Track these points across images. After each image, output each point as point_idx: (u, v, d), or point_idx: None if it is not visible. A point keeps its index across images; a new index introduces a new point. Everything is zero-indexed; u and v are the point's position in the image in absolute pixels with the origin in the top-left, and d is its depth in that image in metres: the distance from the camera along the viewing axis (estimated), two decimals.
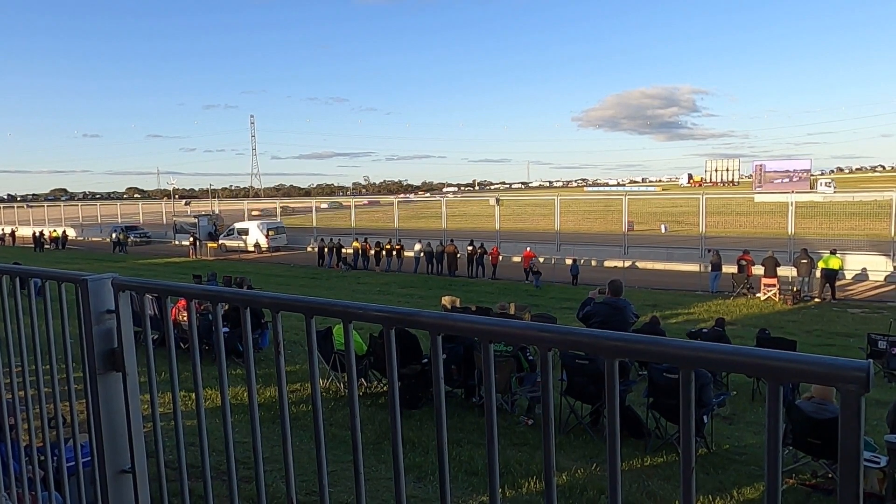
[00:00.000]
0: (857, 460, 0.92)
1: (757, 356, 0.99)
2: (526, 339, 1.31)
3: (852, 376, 0.90)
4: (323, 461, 1.69)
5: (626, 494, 5.83)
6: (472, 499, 5.61)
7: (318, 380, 1.72)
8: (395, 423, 1.52)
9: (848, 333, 15.65)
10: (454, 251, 29.14)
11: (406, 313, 1.45)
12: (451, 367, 8.62)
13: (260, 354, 10.93)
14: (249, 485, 4.07)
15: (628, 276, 26.45)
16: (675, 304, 20.06)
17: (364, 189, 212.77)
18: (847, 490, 0.92)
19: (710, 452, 7.47)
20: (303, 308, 1.62)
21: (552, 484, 1.27)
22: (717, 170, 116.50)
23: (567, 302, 21.09)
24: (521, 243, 30.40)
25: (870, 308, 19.78)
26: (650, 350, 1.10)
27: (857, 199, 47.87)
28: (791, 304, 20.17)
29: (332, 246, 33.23)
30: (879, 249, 25.52)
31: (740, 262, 22.51)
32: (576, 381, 8.16)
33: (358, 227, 40.15)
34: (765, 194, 55.49)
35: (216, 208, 55.40)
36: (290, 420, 1.79)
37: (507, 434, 7.63)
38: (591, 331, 1.15)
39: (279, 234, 41.36)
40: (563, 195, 42.99)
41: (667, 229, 42.04)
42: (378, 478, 5.57)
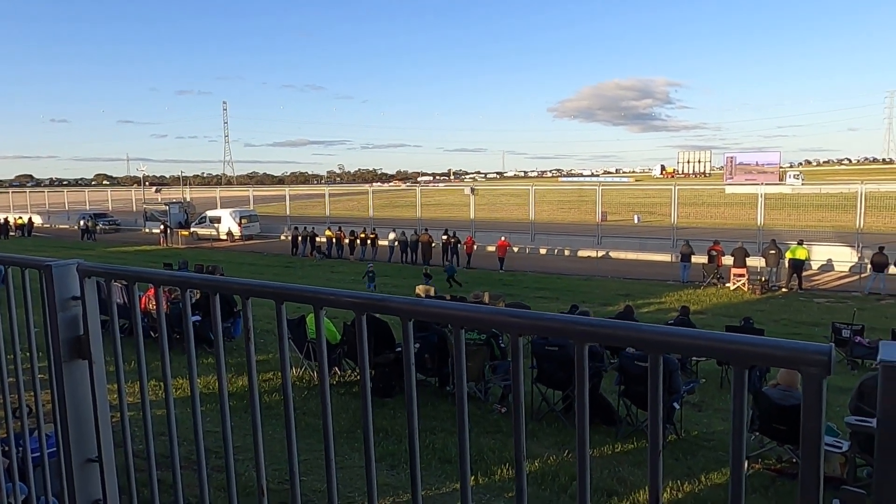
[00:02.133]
0: (818, 441, 0.94)
1: (723, 340, 1.00)
2: (497, 325, 1.32)
3: (814, 359, 0.91)
4: (294, 450, 1.68)
5: (597, 480, 5.92)
6: (446, 486, 5.64)
7: (288, 367, 1.70)
8: (367, 409, 1.52)
9: (813, 322, 16.01)
10: (429, 240, 29.12)
11: (377, 299, 1.44)
12: (425, 356, 8.63)
13: (232, 343, 10.83)
14: (220, 474, 4.04)
15: (601, 265, 26.74)
16: (647, 294, 20.32)
17: (338, 178, 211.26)
18: (808, 470, 0.94)
19: (680, 439, 7.61)
20: (273, 294, 1.61)
21: (522, 469, 1.28)
22: (690, 161, 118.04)
23: (541, 291, 21.24)
24: (495, 233, 30.48)
25: (835, 298, 20.26)
26: (619, 334, 1.11)
27: (824, 191, 48.85)
28: (759, 294, 20.57)
29: (305, 234, 32.98)
30: (845, 241, 26.11)
31: (711, 253, 22.87)
32: (545, 368, 8.23)
33: (332, 215, 39.88)
34: (735, 186, 56.35)
35: (187, 196, 54.57)
36: (262, 409, 1.77)
37: (481, 422, 7.68)
38: (563, 316, 1.16)
39: (252, 223, 40.92)
40: (537, 185, 43.15)
41: (640, 220, 42.49)
42: (351, 466, 5.58)
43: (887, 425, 0.87)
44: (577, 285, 22.57)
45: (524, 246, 30.71)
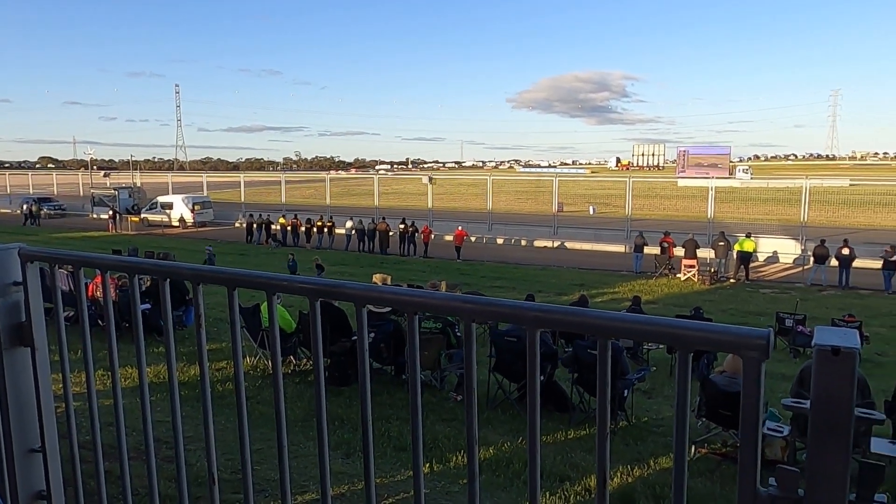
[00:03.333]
0: (756, 421, 0.97)
1: (667, 326, 1.03)
2: (450, 311, 1.33)
3: (754, 344, 0.95)
4: (246, 438, 1.66)
5: (550, 466, 6.02)
6: (401, 474, 5.66)
7: (240, 355, 1.68)
8: (320, 397, 1.51)
9: (759, 312, 16.55)
10: (386, 229, 29.01)
11: (331, 285, 1.44)
12: (381, 345, 8.62)
13: (184, 332, 10.61)
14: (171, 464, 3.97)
15: (557, 255, 27.09)
16: (601, 284, 20.68)
17: (295, 165, 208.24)
18: (747, 449, 0.98)
19: (630, 425, 7.80)
20: (225, 280, 1.58)
21: (474, 454, 1.30)
22: (644, 154, 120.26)
23: (498, 280, 21.41)
24: (453, 222, 30.56)
25: (779, 288, 20.98)
26: (569, 320, 1.13)
27: (771, 185, 50.49)
28: (708, 285, 21.16)
29: (261, 222, 32.47)
30: (790, 234, 27.05)
31: (662, 244, 23.40)
32: (504, 359, 8.32)
33: (288, 203, 39.34)
34: (687, 179, 57.71)
35: (138, 181, 53.00)
36: (215, 398, 1.75)
37: (436, 410, 7.72)
38: (514, 301, 1.17)
39: (205, 209, 40.04)
40: (495, 175, 43.41)
41: (595, 211, 43.14)
42: (306, 455, 5.54)
43: (820, 406, 0.91)
44: (533, 275, 22.82)
45: (481, 236, 30.88)
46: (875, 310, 17.29)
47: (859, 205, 38.55)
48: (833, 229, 26.13)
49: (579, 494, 5.36)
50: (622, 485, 5.83)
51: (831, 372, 0.90)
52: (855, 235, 23.29)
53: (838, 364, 0.90)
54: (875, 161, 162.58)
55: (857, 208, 37.50)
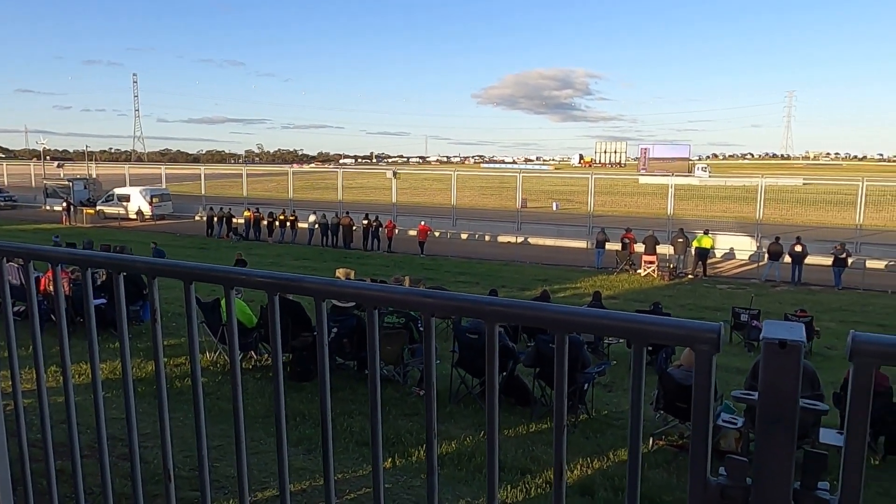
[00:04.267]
0: (707, 412, 1.00)
1: (623, 320, 1.05)
2: (410, 305, 1.33)
3: (705, 337, 0.98)
4: (203, 434, 1.64)
5: (511, 459, 6.08)
6: (363, 469, 5.64)
7: (197, 349, 1.66)
8: (279, 392, 1.50)
9: (716, 307, 16.95)
10: (349, 223, 28.83)
11: (290, 279, 1.42)
12: (343, 340, 8.57)
13: (142, 327, 10.39)
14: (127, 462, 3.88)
15: (521, 251, 27.28)
16: (563, 279, 20.91)
17: (257, 157, 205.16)
18: (698, 438, 1.00)
19: (591, 418, 7.92)
20: (181, 274, 1.55)
21: (433, 446, 1.30)
22: (607, 151, 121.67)
23: (462, 276, 21.48)
24: (417, 217, 30.52)
25: (735, 284, 21.52)
26: (528, 314, 1.15)
27: (729, 184, 51.72)
28: (668, 280, 21.58)
29: (221, 215, 31.92)
30: (746, 231, 27.76)
31: (623, 240, 23.79)
32: (466, 355, 8.35)
33: (250, 196, 38.77)
34: (648, 177, 58.69)
35: (93, 172, 51.57)
36: (173, 395, 1.72)
37: (399, 405, 7.72)
38: (473, 296, 1.18)
39: (164, 202, 39.15)
40: (460, 171, 43.44)
41: (558, 207, 43.55)
42: (267, 451, 5.48)
43: (767, 397, 0.94)
44: (496, 270, 22.96)
45: (445, 231, 30.90)
46: (826, 305, 17.87)
47: (812, 203, 39.75)
48: (787, 227, 26.90)
49: (540, 487, 5.42)
50: (582, 477, 5.92)
51: (778, 364, 0.93)
52: (807, 233, 24.02)
53: (785, 356, 0.93)
54: (827, 161, 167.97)
55: (810, 207, 38.66)
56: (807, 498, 0.95)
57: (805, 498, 0.95)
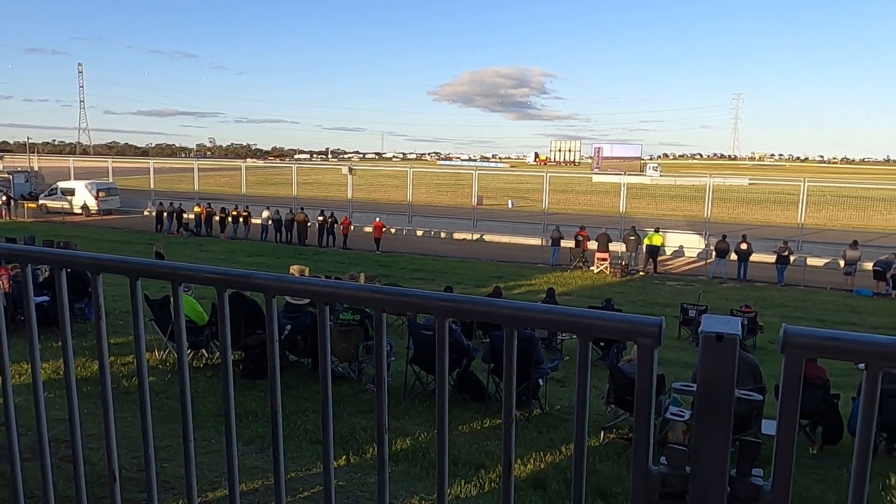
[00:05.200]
0: (649, 404, 1.03)
1: (570, 315, 1.08)
2: (361, 301, 1.33)
3: (647, 331, 1.01)
4: (149, 434, 1.61)
5: (465, 454, 6.12)
6: (317, 467, 5.60)
7: (143, 347, 1.62)
8: (228, 389, 1.48)
9: (666, 303, 17.36)
10: (304, 219, 28.49)
11: (240, 275, 1.41)
12: (297, 338, 8.49)
13: (86, 326, 10.07)
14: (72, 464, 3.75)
15: (476, 248, 27.43)
16: (518, 276, 21.12)
17: (209, 152, 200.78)
18: (640, 429, 1.04)
19: (544, 413, 8.03)
20: (127, 269, 1.52)
21: (384, 441, 1.31)
22: (561, 150, 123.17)
23: (417, 272, 21.48)
24: (373, 213, 30.38)
25: (684, 281, 22.09)
26: (478, 310, 1.16)
27: (679, 183, 52.99)
28: (619, 277, 22.01)
29: (171, 210, 31.14)
30: (694, 229, 28.51)
31: (577, 238, 24.16)
32: (421, 352, 8.36)
33: (202, 191, 37.95)
34: (601, 175, 59.70)
35: (35, 164, 49.61)
36: (121, 394, 1.68)
37: (354, 402, 7.68)
38: (424, 292, 1.19)
39: (111, 196, 37.97)
40: (416, 167, 43.39)
41: (513, 205, 43.91)
42: (219, 450, 5.39)
43: (704, 388, 0.98)
44: (452, 267, 23.03)
45: (401, 227, 30.83)
46: (769, 301, 18.51)
47: (757, 203, 41.06)
48: (733, 225, 27.71)
49: (493, 481, 5.48)
50: (535, 470, 6.00)
51: (715, 356, 0.97)
52: (752, 232, 24.81)
53: (721, 349, 0.97)
54: (772, 162, 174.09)
55: (755, 206, 39.93)
56: (741, 484, 0.99)
57: (740, 484, 0.99)
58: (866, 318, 17.15)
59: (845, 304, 19.04)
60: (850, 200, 37.27)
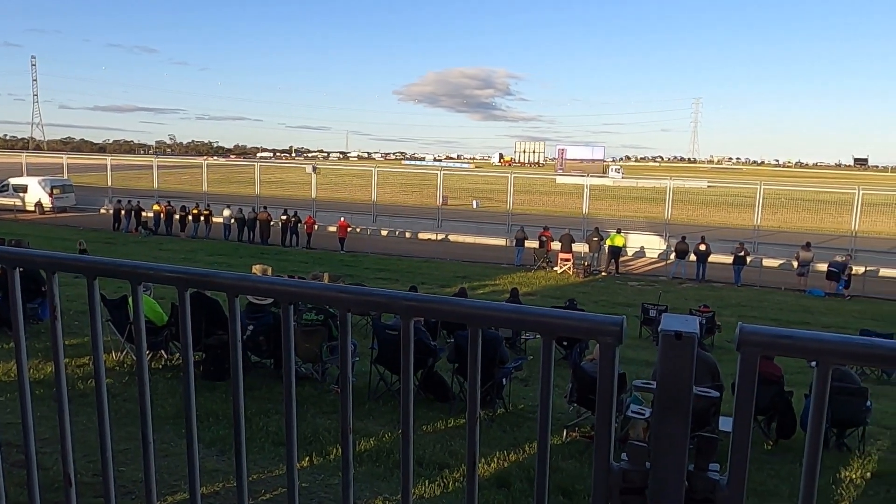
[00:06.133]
0: (610, 401, 1.05)
1: (533, 314, 1.09)
2: (325, 301, 1.32)
3: (608, 330, 1.03)
4: (107, 436, 1.57)
5: (430, 454, 6.12)
6: (279, 468, 5.54)
7: (101, 348, 1.59)
8: (189, 390, 1.46)
9: (627, 303, 17.64)
10: (267, 218, 28.14)
11: (201, 274, 1.39)
12: (260, 338, 8.38)
13: (41, 326, 9.77)
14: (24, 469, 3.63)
15: (441, 248, 27.45)
16: (482, 276, 21.21)
17: (169, 149, 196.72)
18: (602, 427, 1.05)
19: (508, 412, 8.07)
20: (84, 268, 1.48)
21: (349, 442, 1.30)
22: (526, 151, 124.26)
23: (382, 272, 21.40)
24: (337, 213, 30.16)
25: (645, 281, 22.47)
26: (442, 309, 1.17)
27: (640, 185, 53.93)
28: (582, 277, 22.29)
29: (129, 208, 30.41)
30: (655, 230, 29.03)
31: (541, 238, 24.39)
32: (385, 351, 8.34)
33: (161, 189, 37.16)
34: (565, 176, 60.33)
35: None
36: (77, 397, 1.64)
37: (317, 403, 7.62)
38: (388, 291, 1.19)
39: (66, 193, 36.89)
40: (380, 167, 43.24)
41: (478, 205, 44.07)
42: (179, 453, 5.29)
43: (664, 385, 1.00)
44: (416, 267, 23.01)
45: (366, 227, 30.68)
46: (727, 301, 18.95)
47: (715, 205, 42.01)
48: (692, 227, 28.32)
49: (458, 481, 5.49)
50: (499, 469, 6.04)
51: (674, 354, 0.99)
52: (711, 233, 25.37)
53: (680, 347, 0.99)
54: (729, 166, 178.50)
55: (714, 208, 40.85)
56: (699, 478, 1.02)
57: (697, 478, 1.02)
58: (819, 317, 17.70)
59: (799, 304, 19.62)
60: (803, 203, 38.40)
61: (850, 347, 0.96)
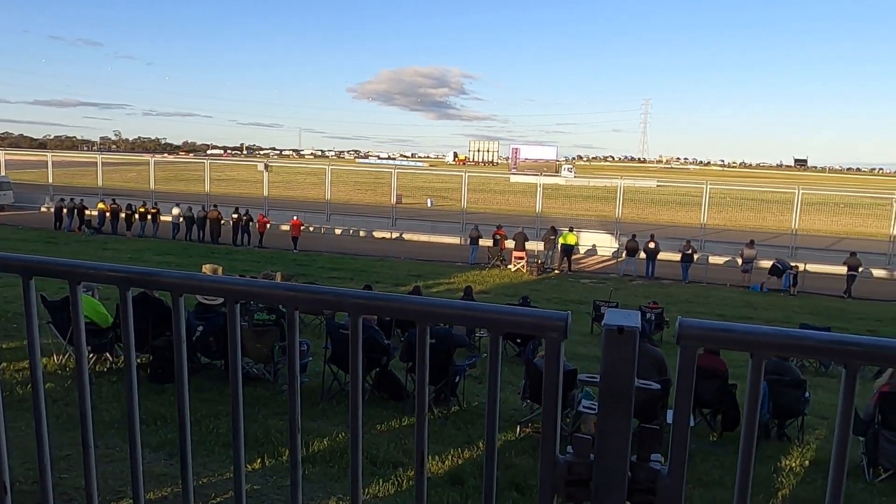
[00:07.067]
0: (556, 396, 1.07)
1: (480, 310, 1.10)
2: (272, 299, 1.31)
3: (554, 325, 1.04)
4: (44, 442, 1.52)
5: (384, 453, 6.10)
6: (230, 471, 5.44)
7: (37, 351, 1.53)
8: (132, 392, 1.42)
9: (579, 300, 17.93)
10: (217, 217, 27.56)
11: (144, 273, 1.35)
12: (210, 339, 8.21)
13: None
14: None
15: (395, 247, 27.37)
16: (437, 275, 21.24)
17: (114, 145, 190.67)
18: (548, 421, 1.07)
19: (462, 409, 8.11)
20: (18, 268, 1.43)
21: (297, 442, 1.29)
22: (480, 150, 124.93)
23: (336, 271, 21.21)
24: (290, 212, 29.75)
25: (597, 279, 22.88)
26: (390, 306, 1.17)
27: (592, 184, 54.86)
28: (536, 275, 22.55)
29: (72, 206, 29.37)
30: (606, 229, 29.58)
31: (495, 237, 24.57)
32: (339, 351, 8.27)
33: (106, 186, 36.01)
34: (518, 176, 60.90)
35: None
36: (15, 402, 1.57)
37: (269, 403, 7.51)
38: (337, 289, 1.19)
39: (4, 191, 35.41)
40: (334, 165, 42.84)
41: (432, 203, 44.11)
42: (125, 458, 5.14)
43: (607, 378, 1.02)
44: (371, 266, 22.90)
45: (319, 226, 30.37)
46: (675, 297, 19.45)
47: (664, 204, 43.07)
48: (642, 225, 28.94)
49: (411, 479, 5.49)
50: (453, 466, 6.06)
51: (616, 348, 1.01)
52: (660, 231, 25.99)
53: (623, 341, 1.01)
54: (678, 166, 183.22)
55: (662, 207, 41.87)
56: (641, 468, 1.05)
57: (639, 468, 1.05)
58: (761, 312, 18.33)
59: (742, 300, 20.27)
60: (747, 203, 39.68)
61: (781, 339, 1.00)
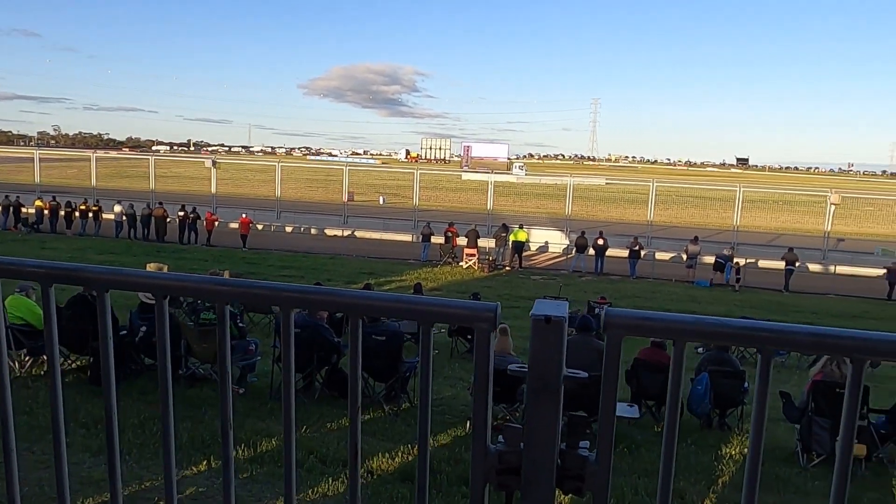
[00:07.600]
0: (486, 387, 1.08)
1: (412, 302, 1.11)
2: (204, 294, 1.28)
3: (484, 317, 1.06)
4: None
5: (333, 452, 6.06)
6: (177, 472, 5.32)
7: None
8: (56, 394, 1.37)
9: (530, 296, 18.11)
10: (163, 215, 26.83)
11: (69, 268, 1.31)
12: (153, 339, 7.98)
13: None
14: None
15: (347, 244, 27.17)
16: (389, 272, 21.18)
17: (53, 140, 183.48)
18: (479, 412, 1.08)
19: (413, 406, 8.11)
20: None
21: (229, 440, 1.27)
22: (432, 148, 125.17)
23: (286, 269, 20.93)
24: (239, 209, 29.18)
25: (548, 275, 23.19)
26: (322, 300, 1.16)
27: (542, 182, 55.53)
28: (487, 272, 22.72)
29: (8, 204, 28.17)
30: (557, 226, 29.99)
31: (447, 234, 24.63)
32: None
33: (45, 183, 34.65)
34: (470, 173, 61.18)
35: None
36: None
37: (216, 404, 7.33)
38: (270, 283, 1.17)
39: None
40: (285, 162, 42.22)
41: (384, 201, 43.94)
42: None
43: (535, 368, 1.04)
44: (322, 263, 22.66)
45: (269, 224, 29.89)
46: (623, 292, 19.88)
47: (612, 201, 43.89)
48: (592, 222, 29.51)
49: (362, 477, 5.46)
50: (403, 463, 6.05)
51: (544, 338, 1.03)
52: (608, 228, 26.52)
53: (550, 331, 1.03)
54: (626, 164, 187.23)
55: (611, 204, 42.67)
56: (569, 456, 1.07)
57: (568, 456, 1.07)
58: (705, 306, 18.90)
59: (687, 294, 20.87)
60: (691, 200, 40.80)
61: (699, 327, 1.04)
